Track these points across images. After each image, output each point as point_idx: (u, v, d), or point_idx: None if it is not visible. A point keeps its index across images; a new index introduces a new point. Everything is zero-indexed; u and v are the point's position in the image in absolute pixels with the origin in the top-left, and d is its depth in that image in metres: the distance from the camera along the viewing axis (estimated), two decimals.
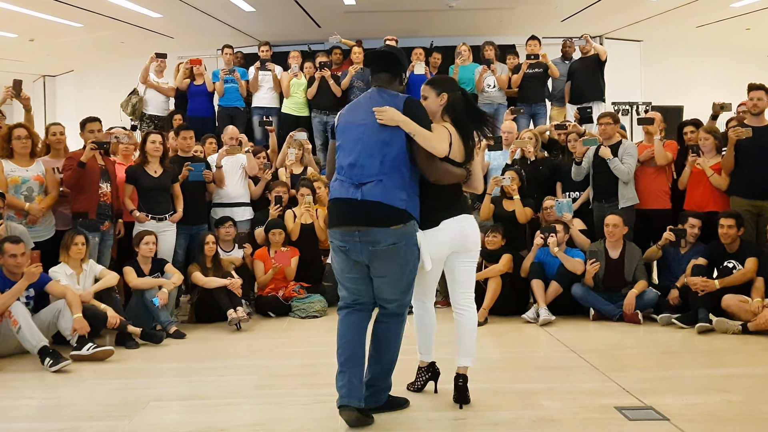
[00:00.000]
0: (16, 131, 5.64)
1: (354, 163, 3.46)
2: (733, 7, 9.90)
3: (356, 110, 3.62)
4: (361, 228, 3.39)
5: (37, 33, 10.59)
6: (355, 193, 3.41)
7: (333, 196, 3.54)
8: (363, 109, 3.56)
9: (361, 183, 3.42)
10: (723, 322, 5.41)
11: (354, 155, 3.47)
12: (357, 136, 3.49)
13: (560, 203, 6.40)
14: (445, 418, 3.52)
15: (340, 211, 3.49)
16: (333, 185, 3.56)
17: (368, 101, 3.59)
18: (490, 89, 8.64)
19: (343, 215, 3.46)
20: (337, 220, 3.51)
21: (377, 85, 3.64)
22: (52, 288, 5.14)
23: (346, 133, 3.57)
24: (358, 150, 3.46)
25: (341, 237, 3.47)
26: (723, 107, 6.74)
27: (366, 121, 3.50)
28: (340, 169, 3.52)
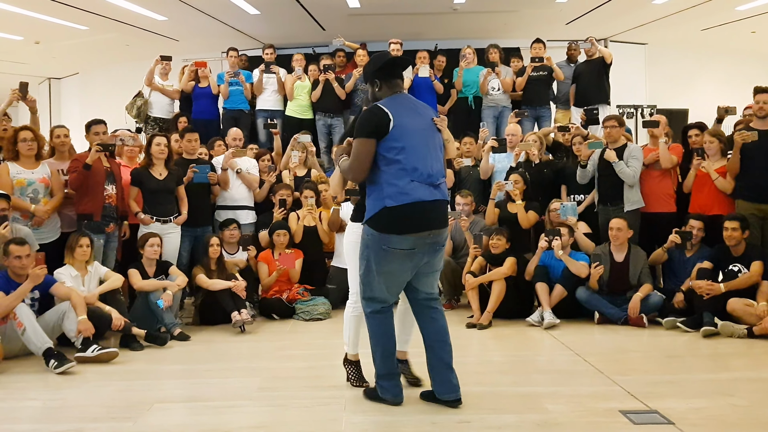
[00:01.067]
0: (21, 134, 5.66)
1: (431, 167, 3.61)
2: (738, 10, 9.89)
3: (410, 115, 3.68)
4: (436, 231, 3.60)
5: (42, 36, 10.63)
6: (436, 194, 3.60)
7: (418, 197, 3.53)
8: (415, 114, 3.71)
9: (438, 183, 3.63)
10: (728, 325, 5.40)
11: (430, 160, 3.62)
12: (423, 140, 3.63)
13: (565, 206, 6.39)
14: (449, 421, 3.51)
15: (426, 214, 3.56)
16: (411, 187, 3.54)
17: (414, 107, 3.76)
18: (495, 92, 8.65)
19: (432, 218, 3.58)
20: (423, 224, 3.55)
21: (399, 90, 3.77)
22: (57, 290, 5.15)
23: (410, 137, 3.60)
24: (429, 155, 3.63)
25: (414, 242, 3.54)
26: (728, 111, 6.72)
27: (424, 126, 3.69)
28: (413, 172, 3.55)
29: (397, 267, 3.60)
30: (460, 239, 6.76)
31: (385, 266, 3.60)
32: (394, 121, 3.58)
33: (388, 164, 3.57)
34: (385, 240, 3.55)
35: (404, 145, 3.56)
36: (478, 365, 4.81)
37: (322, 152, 8.78)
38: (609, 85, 8.90)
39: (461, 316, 6.29)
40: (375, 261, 3.62)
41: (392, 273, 3.62)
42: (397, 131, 3.58)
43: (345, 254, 4.12)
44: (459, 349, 5.16)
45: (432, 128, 3.74)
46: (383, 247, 3.56)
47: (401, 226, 3.52)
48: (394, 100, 3.71)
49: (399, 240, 3.53)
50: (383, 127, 3.57)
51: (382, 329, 3.71)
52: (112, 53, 12.03)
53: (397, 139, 3.57)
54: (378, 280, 3.64)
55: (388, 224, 3.54)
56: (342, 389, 4.08)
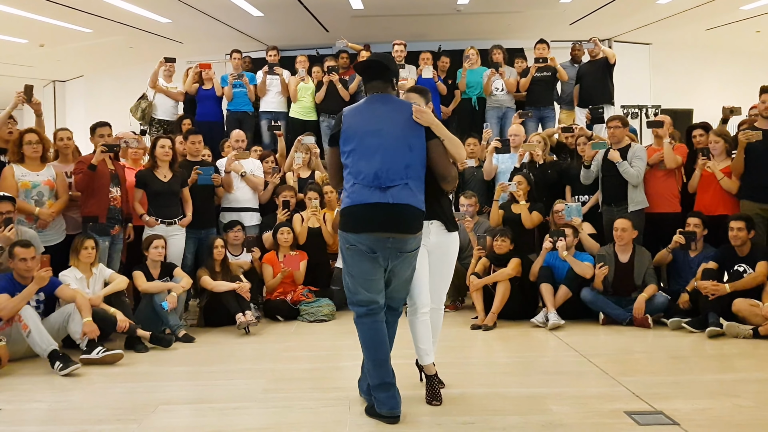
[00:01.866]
0: (26, 136, 5.68)
1: (378, 169, 3.47)
2: (742, 10, 9.87)
3: (365, 116, 3.61)
4: (395, 235, 3.46)
5: (47, 38, 10.67)
6: (384, 197, 3.46)
7: (357, 200, 3.50)
8: (375, 116, 3.59)
9: (387, 186, 3.47)
10: (733, 326, 5.38)
11: (377, 162, 3.49)
12: (376, 142, 3.51)
13: (569, 207, 6.38)
14: (453, 422, 3.51)
15: (368, 215, 3.48)
16: (353, 189, 3.51)
17: (379, 107, 3.63)
18: (499, 93, 8.64)
19: (374, 220, 3.47)
20: (365, 225, 3.49)
21: (375, 92, 3.69)
22: (62, 292, 5.16)
23: (359, 139, 3.55)
24: (380, 156, 3.49)
25: (371, 243, 3.48)
26: (733, 111, 6.71)
27: (383, 128, 3.54)
28: (359, 175, 3.50)
29: (362, 267, 3.54)
30: (465, 240, 6.75)
31: (354, 266, 3.57)
32: (344, 124, 3.59)
33: (343, 169, 3.60)
34: (344, 238, 3.56)
35: (353, 147, 3.55)
36: (482, 366, 4.81)
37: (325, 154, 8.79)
38: (613, 85, 8.89)
39: (465, 318, 6.29)
40: (346, 262, 3.62)
41: (363, 272, 3.55)
42: (346, 134, 3.58)
43: None
44: (463, 350, 5.20)
45: (404, 127, 3.56)
46: (346, 245, 3.56)
47: (352, 224, 3.52)
48: (366, 101, 3.69)
49: (356, 238, 3.50)
50: (336, 133, 3.63)
51: (370, 334, 3.58)
52: (117, 56, 12.07)
53: (346, 142, 3.57)
54: (352, 281, 3.59)
55: (344, 223, 3.57)
56: (346, 390, 4.08)
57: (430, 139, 3.59)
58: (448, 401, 3.80)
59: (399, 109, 3.63)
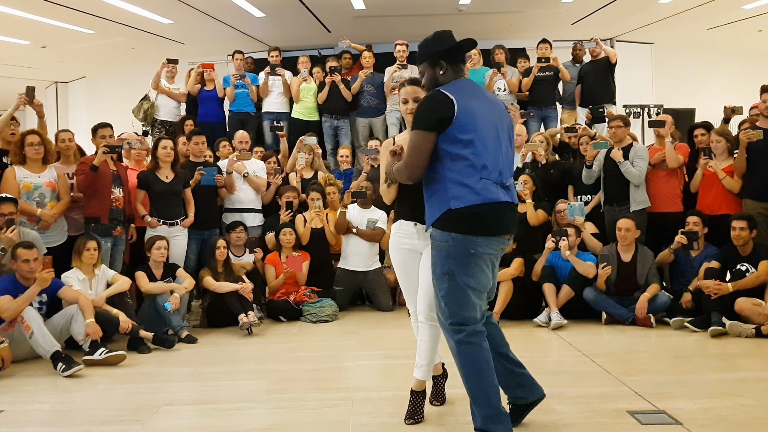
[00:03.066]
0: (28, 138, 5.68)
1: (502, 165, 3.14)
2: (744, 9, 9.85)
3: (478, 103, 3.16)
4: (510, 238, 3.20)
5: (49, 40, 10.67)
6: (509, 195, 3.15)
7: (488, 198, 3.04)
8: (484, 100, 3.21)
9: (508, 184, 3.17)
10: (736, 325, 5.38)
11: (500, 157, 3.15)
12: (494, 132, 3.14)
13: (572, 207, 6.38)
14: (457, 422, 3.51)
15: (499, 216, 3.10)
16: (480, 185, 3.04)
17: (481, 94, 3.28)
18: (501, 93, 8.64)
19: (505, 222, 3.12)
20: (498, 227, 3.10)
21: (463, 75, 3.28)
22: (65, 293, 5.17)
23: (480, 128, 3.09)
24: (497, 148, 3.14)
25: (497, 248, 3.14)
26: (734, 110, 6.70)
27: (494, 116, 3.19)
28: (484, 169, 3.06)
29: (486, 278, 3.13)
30: None
31: (475, 276, 3.08)
32: (459, 108, 3.06)
33: (453, 160, 3.07)
34: (468, 243, 3.05)
35: (472, 137, 3.06)
36: None
37: (328, 154, 8.80)
38: (614, 84, 8.90)
39: None
40: (462, 272, 3.07)
41: (484, 284, 3.12)
42: (463, 121, 3.06)
43: (394, 263, 3.67)
44: None
45: (504, 119, 3.23)
46: (470, 251, 3.05)
47: (484, 226, 3.06)
48: (459, 84, 3.20)
49: (485, 242, 3.07)
50: (447, 118, 3.05)
51: (481, 358, 3.10)
52: (119, 57, 12.07)
53: (464, 131, 3.06)
54: (467, 296, 3.08)
55: (469, 225, 3.05)
56: (349, 391, 4.08)
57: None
58: (451, 401, 3.80)
59: (492, 99, 3.34)
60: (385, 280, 6.88)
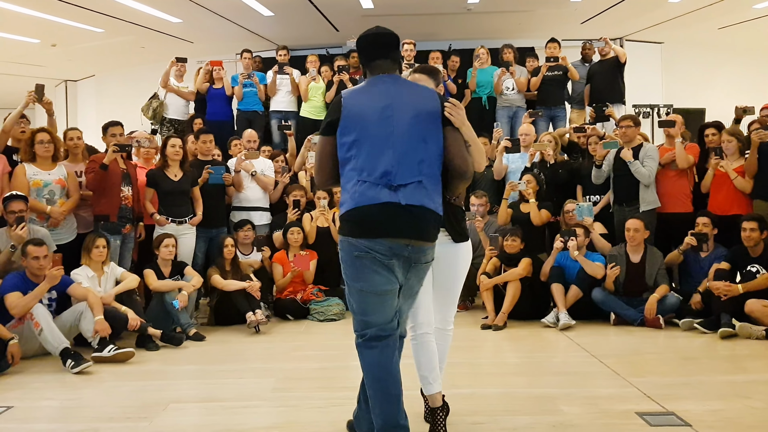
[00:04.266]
0: (38, 135, 5.70)
1: (388, 165, 2.87)
2: (755, 9, 9.79)
3: (371, 101, 2.96)
4: (413, 242, 2.89)
5: (58, 38, 10.71)
6: (393, 196, 2.85)
7: (365, 201, 2.85)
8: (383, 100, 2.95)
9: (399, 185, 2.86)
10: (746, 327, 5.34)
11: (387, 156, 2.88)
12: (384, 132, 2.89)
13: (581, 207, 6.36)
14: (463, 422, 3.50)
15: (383, 217, 2.85)
16: (357, 189, 2.87)
17: (388, 89, 2.99)
18: (509, 92, 8.62)
19: (390, 223, 2.85)
20: (382, 229, 2.86)
21: (381, 72, 3.04)
22: (74, 290, 5.19)
23: (363, 128, 2.90)
24: (390, 149, 2.88)
25: (389, 249, 2.86)
26: (746, 111, 6.66)
27: (393, 114, 2.91)
28: (362, 171, 2.87)
29: (379, 280, 2.89)
30: (475, 240, 6.73)
31: (364, 279, 2.91)
32: (344, 110, 2.91)
33: (342, 165, 2.95)
34: (352, 246, 2.90)
35: (355, 137, 2.90)
36: (492, 366, 4.81)
37: None
38: (624, 84, 8.85)
39: (476, 317, 6.27)
40: (353, 275, 2.96)
41: (376, 286, 2.90)
42: (347, 122, 2.91)
43: None
44: (473, 351, 5.19)
45: (418, 114, 2.94)
46: (354, 253, 2.90)
47: (365, 228, 2.87)
48: (370, 83, 3.04)
49: (368, 244, 2.86)
50: (335, 120, 2.93)
51: (381, 362, 2.93)
52: (128, 55, 12.10)
53: (347, 132, 2.91)
54: (361, 298, 2.95)
55: (351, 228, 2.90)
56: (356, 390, 4.06)
57: (445, 125, 2.99)
58: (457, 401, 3.79)
59: (413, 92, 3.02)
60: None
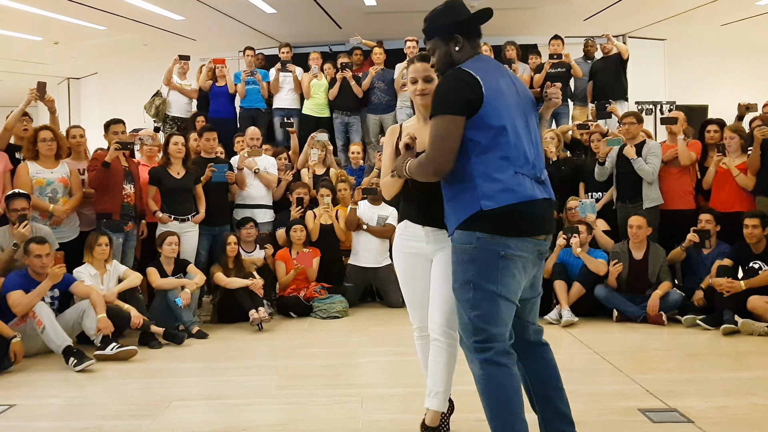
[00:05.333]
0: (41, 133, 5.70)
1: (535, 157, 2.66)
2: (758, 5, 9.76)
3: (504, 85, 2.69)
4: (548, 237, 2.71)
5: (61, 36, 10.72)
6: (546, 191, 2.67)
7: (525, 196, 2.56)
8: (508, 86, 2.70)
9: (543, 179, 2.68)
10: (749, 323, 5.34)
11: (530, 146, 2.66)
12: (523, 119, 2.68)
13: (584, 204, 6.35)
14: (467, 419, 3.50)
15: (537, 215, 2.61)
16: (515, 180, 2.56)
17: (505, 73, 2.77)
18: None
19: (542, 221, 2.64)
20: (535, 227, 2.61)
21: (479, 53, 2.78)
22: (77, 288, 5.20)
23: (511, 114, 2.62)
24: (528, 137, 2.67)
25: (534, 248, 2.63)
26: (749, 108, 6.65)
27: (522, 102, 2.72)
28: (518, 161, 2.59)
29: (517, 286, 2.63)
30: None
31: (506, 284, 2.57)
32: (487, 89, 2.57)
33: (482, 152, 2.57)
34: (499, 244, 2.55)
35: (505, 123, 2.58)
36: None
37: (339, 150, 8.80)
38: (626, 81, 8.85)
39: None
40: (489, 279, 2.56)
41: (515, 292, 2.62)
42: (494, 104, 2.58)
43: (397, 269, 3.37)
44: None
45: (530, 103, 2.76)
46: (501, 252, 2.55)
47: (520, 226, 2.57)
48: (481, 62, 2.72)
49: (519, 244, 2.57)
50: (477, 100, 2.56)
51: (508, 385, 2.59)
52: (131, 53, 12.12)
53: (495, 115, 2.57)
54: (498, 307, 2.57)
55: (503, 225, 2.56)
56: (360, 387, 4.08)
57: None
58: (461, 398, 3.79)
59: (516, 79, 2.82)
60: (396, 276, 6.86)
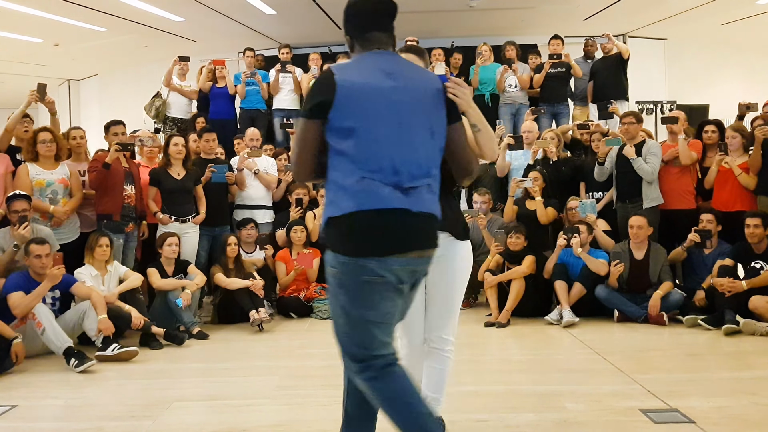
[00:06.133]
0: (40, 135, 5.70)
1: (398, 161, 2.36)
2: (758, 4, 9.77)
3: (373, 80, 2.41)
4: (424, 254, 2.43)
5: (61, 38, 10.73)
6: (405, 201, 2.35)
7: (370, 204, 2.33)
8: (387, 82, 2.41)
9: (409, 186, 2.37)
10: (750, 323, 5.33)
11: (395, 150, 2.36)
12: (391, 120, 2.37)
13: (584, 204, 6.35)
14: (468, 420, 3.49)
15: (389, 228, 2.35)
16: (360, 186, 2.33)
17: (391, 68, 2.45)
18: (512, 89, 8.60)
19: (404, 234, 2.36)
20: (394, 244, 2.35)
21: (377, 48, 2.50)
22: (78, 289, 5.20)
23: (365, 114, 2.36)
24: (399, 140, 2.37)
25: (401, 270, 2.37)
26: (749, 107, 6.65)
27: (400, 99, 2.40)
28: (367, 163, 2.34)
29: (388, 307, 2.40)
30: (478, 238, 6.73)
31: (369, 307, 2.36)
32: (340, 88, 2.34)
33: (335, 156, 2.38)
34: (357, 267, 2.33)
35: (353, 124, 2.34)
36: (496, 364, 4.80)
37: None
38: (627, 80, 8.83)
39: (479, 315, 6.27)
40: (357, 304, 2.36)
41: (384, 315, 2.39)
42: (344, 103, 2.34)
43: None
44: (477, 348, 5.19)
45: (428, 102, 2.44)
46: (362, 278, 2.33)
47: (373, 243, 2.33)
48: (366, 59, 2.49)
49: (380, 265, 2.33)
50: (327, 102, 2.34)
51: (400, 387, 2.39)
52: (131, 54, 12.12)
53: (344, 117, 2.34)
54: (371, 331, 2.37)
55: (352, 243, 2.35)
56: None
57: (453, 121, 2.52)
58: (461, 398, 3.79)
59: (417, 74, 2.52)
60: None
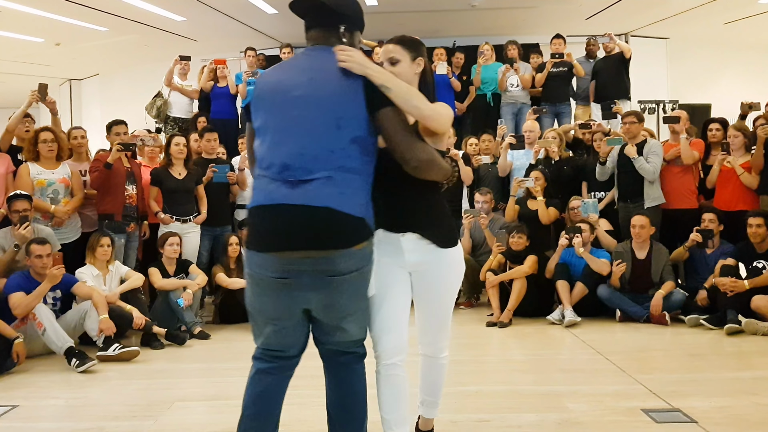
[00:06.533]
0: (42, 135, 5.70)
1: (289, 155, 2.32)
2: (761, 3, 9.74)
3: (285, 78, 2.44)
4: (312, 253, 2.29)
5: (62, 37, 10.73)
6: (290, 196, 2.28)
7: (257, 201, 2.36)
8: (297, 77, 2.40)
9: (300, 180, 2.30)
10: (752, 323, 5.32)
11: (289, 144, 2.33)
12: (292, 113, 2.34)
13: (586, 204, 6.34)
14: (469, 420, 3.49)
15: (271, 225, 2.31)
16: (254, 184, 2.43)
17: (304, 64, 2.47)
18: (514, 89, 8.59)
19: (280, 232, 2.29)
20: (271, 241, 2.31)
21: (314, 44, 2.52)
22: (79, 289, 5.20)
23: (269, 111, 2.39)
24: (295, 134, 2.33)
25: (281, 267, 2.31)
26: (752, 106, 6.63)
27: (306, 93, 2.35)
28: (263, 162, 2.38)
29: (264, 303, 2.42)
30: (480, 237, 6.73)
31: (254, 300, 2.45)
32: (256, 89, 2.45)
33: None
34: (247, 261, 2.40)
35: (259, 124, 2.41)
36: (498, 364, 4.80)
37: None
38: (629, 80, 8.81)
39: (481, 315, 6.27)
40: (249, 298, 2.49)
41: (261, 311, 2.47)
42: (256, 103, 2.42)
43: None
44: (479, 348, 5.19)
45: (339, 93, 2.35)
46: (246, 270, 2.42)
47: (254, 238, 2.37)
48: (295, 57, 2.61)
49: (259, 261, 2.34)
50: (248, 103, 2.49)
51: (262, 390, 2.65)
52: (132, 54, 12.12)
53: (255, 117, 2.43)
54: (255, 320, 2.52)
55: (247, 236, 2.43)
56: None
57: (380, 107, 2.35)
58: (463, 398, 3.79)
59: (329, 65, 2.39)
60: None
